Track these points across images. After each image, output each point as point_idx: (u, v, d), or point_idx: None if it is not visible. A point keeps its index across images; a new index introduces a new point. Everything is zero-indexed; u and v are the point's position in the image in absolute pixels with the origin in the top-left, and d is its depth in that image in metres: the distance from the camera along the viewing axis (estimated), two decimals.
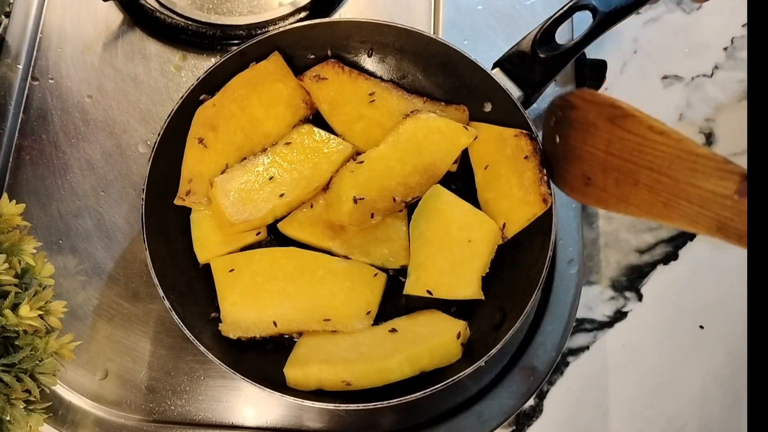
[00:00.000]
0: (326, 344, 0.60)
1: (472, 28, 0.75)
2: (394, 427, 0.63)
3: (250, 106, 0.65)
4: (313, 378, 0.57)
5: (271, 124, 0.65)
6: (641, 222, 0.77)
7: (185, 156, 0.63)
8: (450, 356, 0.59)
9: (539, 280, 0.57)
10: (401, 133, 0.65)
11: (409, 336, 0.60)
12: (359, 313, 0.61)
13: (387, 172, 0.63)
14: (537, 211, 0.60)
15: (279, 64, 0.65)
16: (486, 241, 0.62)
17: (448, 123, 0.65)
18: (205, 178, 0.63)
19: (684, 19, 0.85)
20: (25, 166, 0.71)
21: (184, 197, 0.63)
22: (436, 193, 0.63)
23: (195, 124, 0.63)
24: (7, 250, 0.53)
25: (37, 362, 0.53)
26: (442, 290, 0.61)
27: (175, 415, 0.64)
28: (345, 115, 0.67)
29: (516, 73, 0.64)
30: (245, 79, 0.64)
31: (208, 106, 0.64)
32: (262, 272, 0.61)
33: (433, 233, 0.62)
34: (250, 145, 0.65)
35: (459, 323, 0.60)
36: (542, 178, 0.60)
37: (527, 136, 0.61)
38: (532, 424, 0.70)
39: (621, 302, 0.74)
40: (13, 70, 0.74)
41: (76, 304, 0.66)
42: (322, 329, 0.60)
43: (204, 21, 0.75)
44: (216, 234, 0.63)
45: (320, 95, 0.67)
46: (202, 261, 0.63)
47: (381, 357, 0.57)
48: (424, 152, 0.64)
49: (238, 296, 0.60)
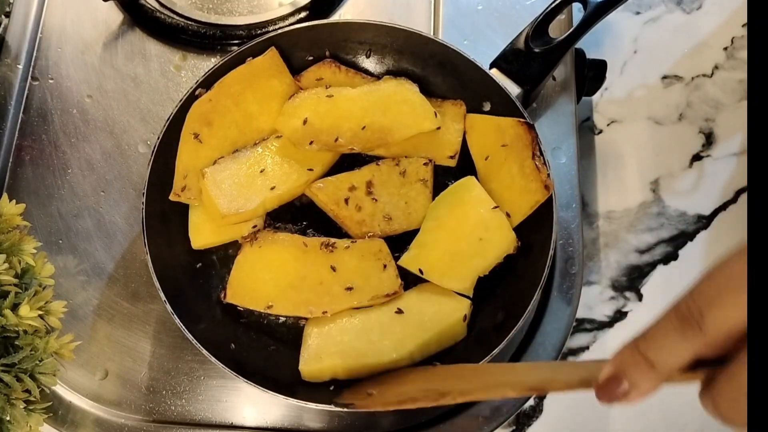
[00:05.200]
0: (334, 332, 0.60)
1: (472, 28, 0.75)
2: (394, 427, 0.63)
3: (245, 101, 0.65)
4: (327, 372, 0.59)
5: (265, 120, 0.66)
6: (641, 222, 0.77)
7: (180, 151, 0.63)
8: (456, 337, 0.61)
9: (541, 280, 0.57)
10: (379, 88, 0.65)
11: (417, 319, 0.60)
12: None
13: (346, 114, 0.64)
14: (539, 199, 0.60)
15: (275, 60, 0.65)
16: (497, 246, 0.61)
17: (424, 103, 0.65)
18: (199, 173, 0.63)
19: (684, 19, 0.85)
20: (25, 166, 0.71)
21: (179, 193, 0.62)
22: (468, 184, 0.63)
23: (190, 119, 0.63)
24: (7, 250, 0.53)
25: (37, 362, 0.53)
26: (434, 275, 0.61)
27: (175, 415, 0.64)
28: None
29: (513, 70, 0.65)
30: (241, 74, 0.64)
31: (203, 101, 0.63)
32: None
33: (449, 220, 0.62)
34: (243, 140, 0.65)
35: (464, 303, 0.61)
36: (542, 165, 0.60)
37: (525, 125, 0.61)
38: (532, 424, 0.70)
39: (621, 302, 0.74)
40: (13, 70, 0.74)
41: (76, 304, 0.66)
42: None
43: (204, 21, 0.75)
44: (212, 222, 0.63)
45: None
46: (196, 247, 0.63)
47: (392, 348, 0.59)
48: (387, 115, 0.64)
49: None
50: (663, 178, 0.78)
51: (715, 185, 0.78)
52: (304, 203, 0.66)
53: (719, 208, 0.77)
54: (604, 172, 0.78)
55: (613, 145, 0.80)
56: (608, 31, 0.83)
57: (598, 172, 0.78)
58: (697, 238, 0.76)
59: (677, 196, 0.78)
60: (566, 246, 0.67)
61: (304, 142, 0.63)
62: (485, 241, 0.61)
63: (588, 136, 0.80)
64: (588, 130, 0.80)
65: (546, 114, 0.71)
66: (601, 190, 0.78)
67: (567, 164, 0.69)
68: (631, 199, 0.78)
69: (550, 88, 0.72)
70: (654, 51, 0.83)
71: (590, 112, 0.81)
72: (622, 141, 0.80)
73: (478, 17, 0.75)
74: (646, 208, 0.77)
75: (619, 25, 0.84)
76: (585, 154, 0.79)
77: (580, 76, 0.72)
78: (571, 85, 0.72)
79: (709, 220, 0.77)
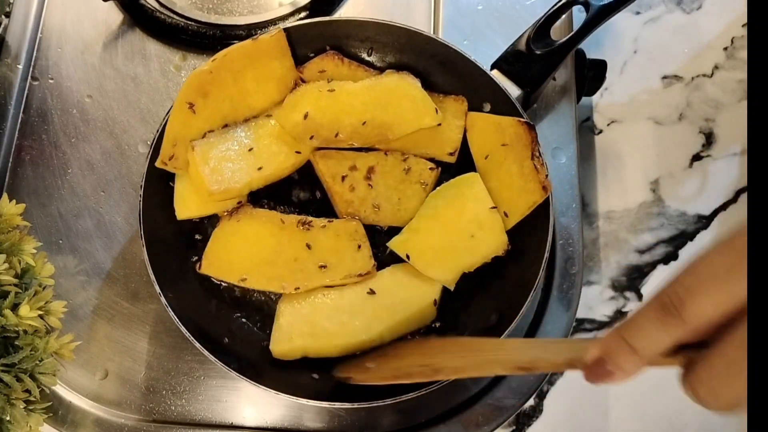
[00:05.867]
0: (306, 311, 0.61)
1: (472, 28, 0.75)
2: (394, 427, 0.63)
3: (244, 78, 0.64)
4: (298, 351, 0.60)
5: (258, 99, 0.65)
6: (641, 222, 0.77)
7: (171, 118, 0.62)
8: (426, 321, 0.62)
9: (535, 283, 0.58)
10: (381, 83, 0.65)
11: (388, 301, 0.61)
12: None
13: (347, 109, 0.64)
14: (537, 199, 0.60)
15: (281, 42, 0.65)
16: (487, 246, 0.62)
17: (425, 99, 0.65)
18: (189, 143, 0.63)
19: (684, 19, 0.85)
20: (25, 166, 0.71)
21: (166, 161, 0.62)
22: (470, 179, 0.64)
23: (188, 87, 0.62)
24: (7, 250, 0.53)
25: (37, 362, 0.53)
26: (420, 262, 0.61)
27: (175, 415, 0.64)
28: None
29: (513, 72, 0.65)
30: (245, 49, 0.64)
31: (204, 72, 0.63)
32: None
33: (445, 211, 0.63)
34: (234, 115, 0.65)
35: (436, 286, 0.61)
36: (541, 165, 0.60)
37: (525, 125, 0.61)
38: (532, 424, 0.70)
39: (621, 302, 0.74)
40: (13, 70, 0.74)
41: (76, 304, 0.66)
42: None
43: (204, 21, 0.75)
44: (197, 195, 0.63)
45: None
46: (180, 218, 0.63)
47: (362, 330, 0.60)
48: (388, 110, 0.64)
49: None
50: (663, 178, 0.78)
51: (715, 185, 0.78)
52: (290, 181, 0.67)
53: (719, 208, 0.77)
54: (604, 172, 0.78)
55: (613, 145, 0.80)
56: (608, 31, 0.83)
57: (598, 172, 0.78)
58: (697, 238, 0.76)
59: (677, 196, 0.78)
60: (566, 246, 0.67)
61: (304, 136, 0.63)
62: (476, 239, 0.62)
63: (588, 136, 0.80)
64: (588, 130, 0.80)
65: (546, 114, 0.71)
66: (601, 190, 0.78)
67: (567, 164, 0.69)
68: (631, 199, 0.78)
69: (550, 88, 0.72)
70: (654, 51, 0.83)
71: (590, 112, 0.81)
72: (622, 141, 0.80)
73: (478, 17, 0.75)
74: (646, 208, 0.77)
75: (619, 25, 0.84)
76: (585, 154, 0.79)
77: (581, 76, 0.72)
78: (572, 85, 0.72)
79: (709, 220, 0.77)
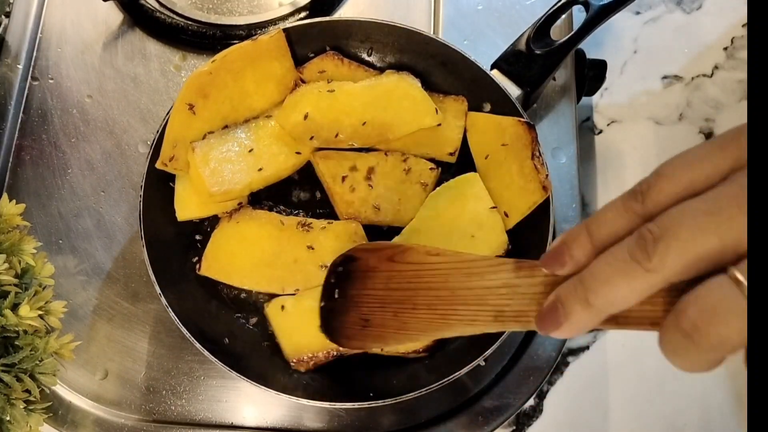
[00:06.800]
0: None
1: (472, 28, 0.75)
2: (394, 427, 0.63)
3: (244, 78, 0.64)
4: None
5: (258, 100, 0.66)
6: None
7: (171, 120, 0.62)
8: None
9: None
10: (381, 83, 0.65)
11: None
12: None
13: (347, 109, 0.64)
14: (537, 199, 0.60)
15: (280, 42, 0.65)
16: (487, 246, 0.62)
17: (425, 99, 0.65)
18: (189, 144, 0.63)
19: (684, 19, 0.85)
20: (25, 166, 0.71)
21: (166, 162, 0.62)
22: (471, 180, 0.63)
23: (187, 89, 0.62)
24: (7, 250, 0.53)
25: (37, 362, 0.53)
26: None
27: (175, 415, 0.64)
28: None
29: (513, 72, 0.65)
30: (245, 50, 0.64)
31: (203, 73, 0.63)
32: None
33: (446, 212, 0.63)
34: (234, 116, 0.65)
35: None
36: (541, 165, 0.60)
37: (525, 125, 0.61)
38: (532, 424, 0.70)
39: None
40: (13, 70, 0.74)
41: (76, 304, 0.66)
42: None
43: (204, 21, 0.75)
44: (198, 196, 0.63)
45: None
46: (181, 219, 0.63)
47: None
48: (388, 110, 0.64)
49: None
50: None
51: None
52: (290, 182, 0.67)
53: None
54: (604, 172, 0.78)
55: (613, 145, 0.80)
56: (608, 31, 0.83)
57: (598, 172, 0.78)
58: None
59: None
60: None
61: (304, 137, 0.64)
62: (477, 239, 0.62)
63: (588, 136, 0.80)
64: (588, 130, 0.80)
65: (546, 114, 0.71)
66: (601, 190, 0.78)
67: (567, 164, 0.69)
68: None
69: (550, 88, 0.72)
70: (654, 51, 0.83)
71: (590, 112, 0.81)
72: (622, 141, 0.80)
73: (478, 17, 0.76)
74: None
75: (619, 25, 0.84)
76: (585, 154, 0.79)
77: (580, 76, 0.72)
78: (571, 85, 0.72)
79: None
